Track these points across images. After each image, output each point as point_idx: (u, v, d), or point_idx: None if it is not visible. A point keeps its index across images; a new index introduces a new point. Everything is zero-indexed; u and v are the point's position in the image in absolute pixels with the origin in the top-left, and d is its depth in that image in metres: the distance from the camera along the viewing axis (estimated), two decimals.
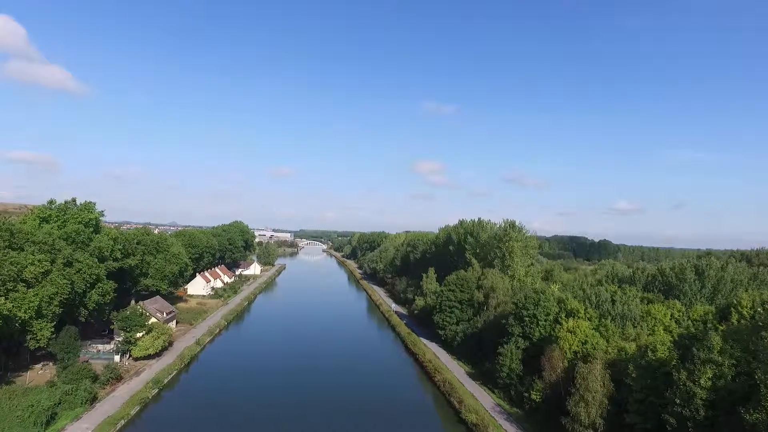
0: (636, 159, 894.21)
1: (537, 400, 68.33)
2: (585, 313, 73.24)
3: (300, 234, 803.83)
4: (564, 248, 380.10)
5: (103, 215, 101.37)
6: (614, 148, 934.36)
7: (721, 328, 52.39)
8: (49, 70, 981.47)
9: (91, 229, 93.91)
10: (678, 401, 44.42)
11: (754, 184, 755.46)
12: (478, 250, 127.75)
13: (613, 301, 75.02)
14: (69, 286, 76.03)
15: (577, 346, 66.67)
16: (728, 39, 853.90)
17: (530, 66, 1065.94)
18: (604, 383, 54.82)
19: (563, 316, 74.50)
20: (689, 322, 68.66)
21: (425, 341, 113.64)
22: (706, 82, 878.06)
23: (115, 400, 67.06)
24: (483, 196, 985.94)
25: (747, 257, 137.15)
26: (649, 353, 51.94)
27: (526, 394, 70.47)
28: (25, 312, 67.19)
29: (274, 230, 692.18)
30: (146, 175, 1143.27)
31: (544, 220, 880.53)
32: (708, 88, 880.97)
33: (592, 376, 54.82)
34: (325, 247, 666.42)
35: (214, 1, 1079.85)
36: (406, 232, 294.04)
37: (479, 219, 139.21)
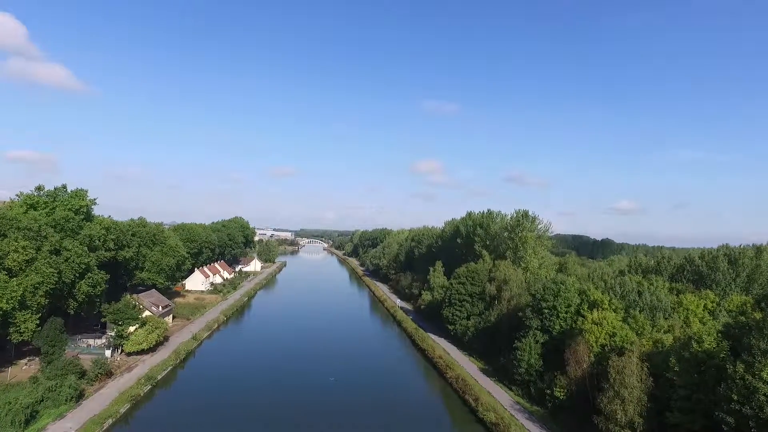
0: (636, 159, 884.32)
1: (560, 398, 63.36)
2: (610, 304, 68.16)
3: (300, 233, 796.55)
4: (567, 247, 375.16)
5: (95, 203, 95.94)
6: (615, 147, 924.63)
7: None
8: (50, 69, 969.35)
9: (82, 217, 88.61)
10: (735, 398, 39.18)
11: (754, 183, 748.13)
12: (488, 242, 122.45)
13: (640, 292, 69.87)
14: (56, 275, 71.09)
15: (605, 339, 61.49)
16: (728, 39, 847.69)
17: (530, 66, 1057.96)
18: (641, 378, 49.66)
19: (585, 307, 69.50)
20: (725, 312, 63.71)
21: (433, 337, 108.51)
22: (706, 82, 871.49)
23: (104, 398, 61.97)
24: (483, 195, 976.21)
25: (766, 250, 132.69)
26: (694, 344, 46.60)
27: (548, 391, 65.58)
28: (7, 302, 62.36)
29: (274, 229, 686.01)
30: (146, 174, 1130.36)
31: (545, 219, 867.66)
32: (708, 88, 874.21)
33: (628, 371, 49.64)
34: (325, 245, 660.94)
35: (214, 0, 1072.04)
36: (410, 230, 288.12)
37: (489, 210, 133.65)
